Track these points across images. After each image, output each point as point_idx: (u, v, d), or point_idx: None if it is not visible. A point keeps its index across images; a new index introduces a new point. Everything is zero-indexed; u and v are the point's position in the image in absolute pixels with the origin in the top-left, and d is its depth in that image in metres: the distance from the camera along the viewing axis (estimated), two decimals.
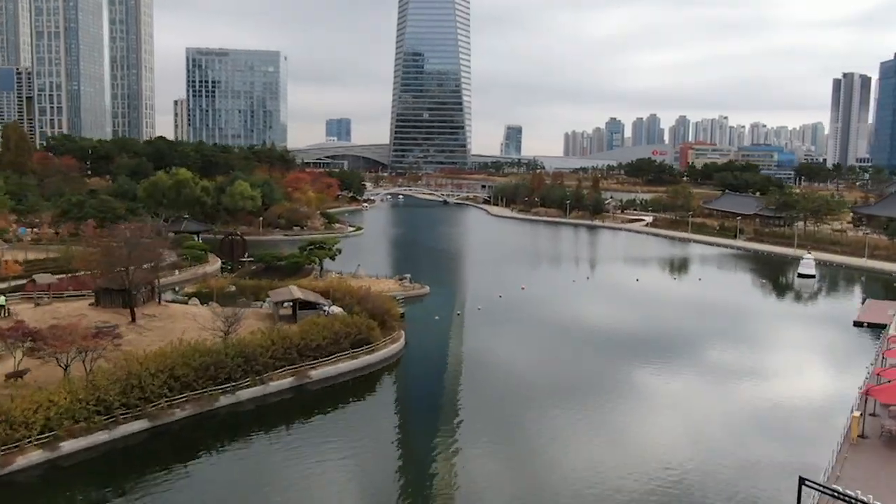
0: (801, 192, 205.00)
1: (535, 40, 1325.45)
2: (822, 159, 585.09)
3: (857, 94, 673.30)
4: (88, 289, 76.71)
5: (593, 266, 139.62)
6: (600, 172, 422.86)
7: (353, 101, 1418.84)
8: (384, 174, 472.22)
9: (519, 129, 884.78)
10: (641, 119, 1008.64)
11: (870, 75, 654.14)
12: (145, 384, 49.78)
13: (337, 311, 74.18)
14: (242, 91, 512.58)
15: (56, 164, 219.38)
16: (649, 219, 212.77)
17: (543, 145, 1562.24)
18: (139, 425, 49.04)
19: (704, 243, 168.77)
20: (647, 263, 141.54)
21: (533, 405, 57.96)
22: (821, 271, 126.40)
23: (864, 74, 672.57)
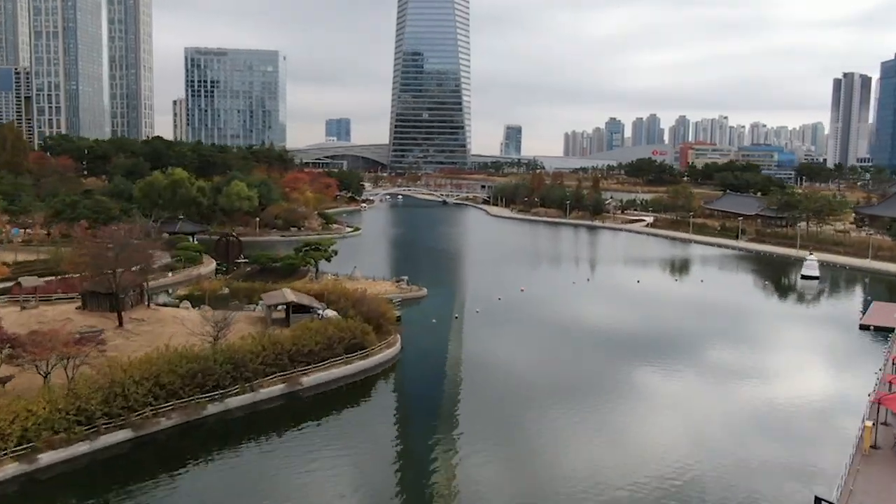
0: (804, 193, 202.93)
1: (535, 40, 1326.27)
2: (822, 159, 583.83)
3: (857, 94, 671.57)
4: (78, 292, 74.72)
5: (593, 267, 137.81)
6: (600, 172, 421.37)
7: (352, 101, 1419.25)
8: (383, 174, 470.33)
9: (519, 129, 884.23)
10: (641, 119, 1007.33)
11: (870, 75, 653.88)
12: (129, 392, 47.98)
13: (331, 314, 72.46)
14: (241, 91, 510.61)
15: (52, 164, 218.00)
16: (650, 219, 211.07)
17: (543, 145, 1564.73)
18: (122, 435, 47.29)
19: (705, 244, 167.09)
20: (648, 264, 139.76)
21: (532, 408, 56.66)
22: (824, 273, 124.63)
23: (864, 74, 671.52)
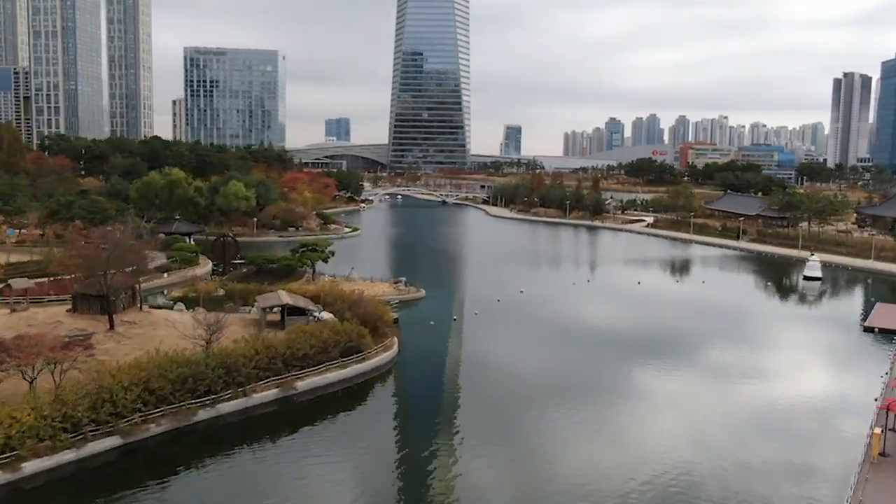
0: (806, 193, 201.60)
1: (535, 40, 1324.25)
2: (822, 159, 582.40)
3: (857, 94, 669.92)
4: (70, 293, 73.38)
5: (594, 268, 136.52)
6: (600, 172, 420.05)
7: (352, 101, 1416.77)
8: (383, 174, 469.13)
9: (518, 129, 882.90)
10: (641, 119, 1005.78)
11: (870, 75, 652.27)
12: (117, 398, 46.70)
13: (327, 316, 71.21)
14: (241, 91, 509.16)
15: (50, 164, 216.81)
16: (650, 219, 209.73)
17: (543, 145, 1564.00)
18: (110, 442, 46.04)
19: (706, 244, 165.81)
20: (649, 265, 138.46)
21: (532, 408, 55.90)
22: (826, 274, 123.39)
23: (864, 74, 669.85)
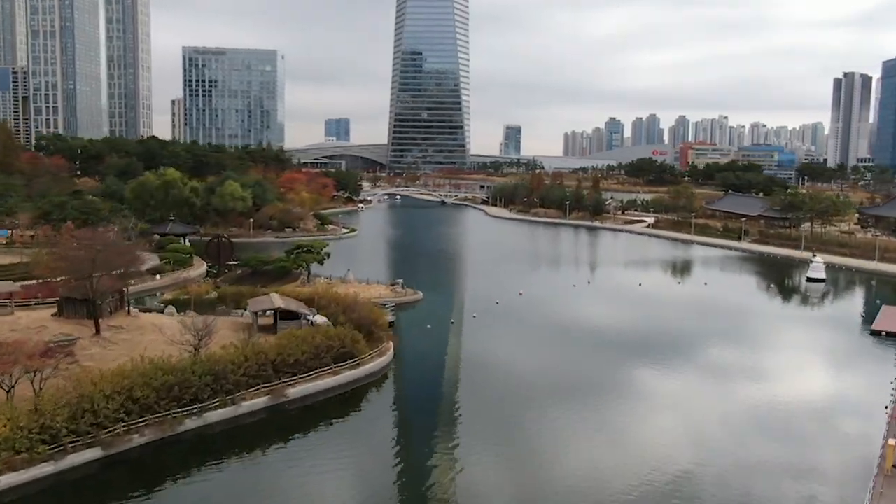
0: (808, 193, 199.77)
1: (534, 40, 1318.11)
2: (822, 159, 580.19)
3: (857, 94, 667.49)
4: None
5: (594, 269, 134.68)
6: (600, 172, 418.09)
7: (351, 101, 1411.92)
8: (382, 174, 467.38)
9: (518, 129, 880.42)
10: (641, 119, 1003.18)
11: (870, 75, 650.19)
12: (98, 408, 44.83)
13: (321, 320, 69.41)
14: (240, 90, 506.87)
15: (45, 164, 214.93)
16: (651, 220, 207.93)
17: (543, 145, 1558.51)
18: (91, 454, 44.20)
19: (708, 245, 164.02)
20: (650, 266, 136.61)
21: (532, 408, 54.76)
22: (830, 275, 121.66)
23: (864, 74, 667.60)
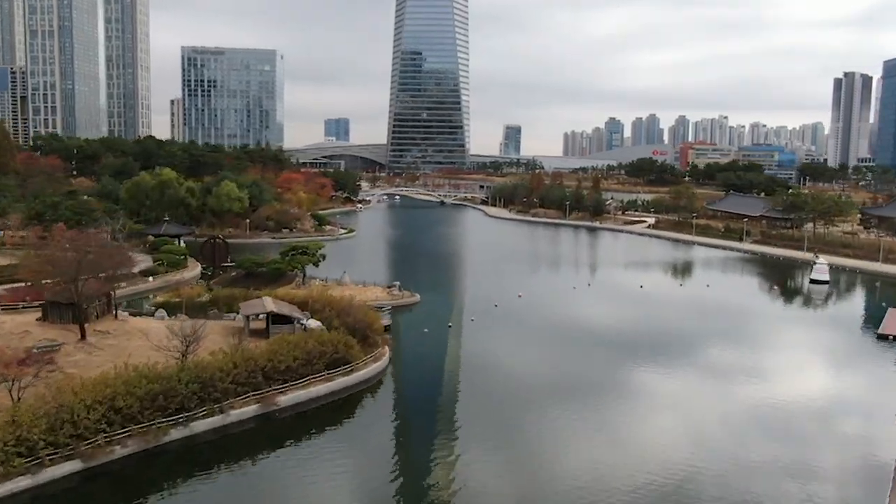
0: (810, 193, 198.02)
1: (534, 39, 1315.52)
2: (822, 159, 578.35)
3: (857, 94, 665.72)
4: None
5: (594, 271, 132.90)
6: (600, 172, 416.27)
7: (351, 101, 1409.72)
8: (381, 174, 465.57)
9: (518, 129, 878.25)
10: (641, 119, 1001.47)
11: (871, 75, 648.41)
12: (78, 419, 43.08)
13: (315, 325, 67.65)
14: (239, 90, 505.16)
15: (41, 164, 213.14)
16: (651, 220, 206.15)
17: (542, 145, 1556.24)
18: (70, 467, 42.45)
19: (709, 246, 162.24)
20: (651, 268, 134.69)
21: (532, 410, 53.54)
22: (834, 276, 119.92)
23: (865, 74, 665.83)
